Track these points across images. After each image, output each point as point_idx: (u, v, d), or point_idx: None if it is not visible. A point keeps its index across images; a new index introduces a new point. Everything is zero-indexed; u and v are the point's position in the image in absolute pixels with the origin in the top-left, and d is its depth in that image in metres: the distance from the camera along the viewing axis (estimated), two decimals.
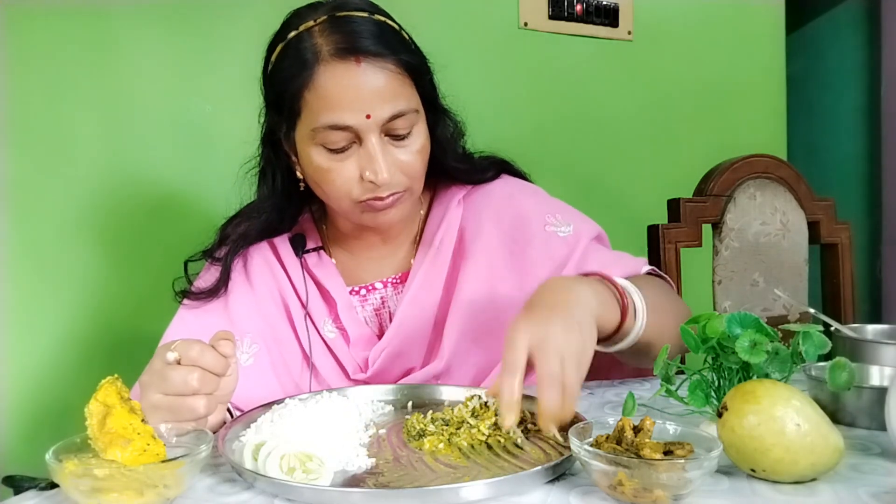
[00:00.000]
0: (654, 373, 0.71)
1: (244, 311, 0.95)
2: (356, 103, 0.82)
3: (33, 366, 1.35)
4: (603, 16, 1.84)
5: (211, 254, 0.98)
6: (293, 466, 0.59)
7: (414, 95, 0.88)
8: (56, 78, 1.35)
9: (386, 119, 0.84)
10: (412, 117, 0.87)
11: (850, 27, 2.30)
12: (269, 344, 0.95)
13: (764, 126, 2.05)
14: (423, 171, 0.91)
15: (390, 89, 0.84)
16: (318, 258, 1.00)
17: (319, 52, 0.83)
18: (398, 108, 0.84)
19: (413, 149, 0.88)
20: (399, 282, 1.00)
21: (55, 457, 0.54)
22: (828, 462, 0.55)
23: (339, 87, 0.82)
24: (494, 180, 1.04)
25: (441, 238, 0.98)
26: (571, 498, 0.55)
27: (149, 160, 1.43)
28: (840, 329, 0.89)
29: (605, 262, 0.95)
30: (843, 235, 1.54)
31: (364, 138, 0.84)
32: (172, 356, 0.67)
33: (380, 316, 1.00)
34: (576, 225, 1.00)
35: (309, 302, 0.97)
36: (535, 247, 0.97)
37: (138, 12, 1.40)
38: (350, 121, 0.83)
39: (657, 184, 1.72)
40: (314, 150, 0.87)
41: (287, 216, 1.00)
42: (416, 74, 0.88)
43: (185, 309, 0.96)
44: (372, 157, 0.84)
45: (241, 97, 1.48)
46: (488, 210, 1.00)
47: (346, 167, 0.86)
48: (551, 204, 1.03)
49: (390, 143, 0.87)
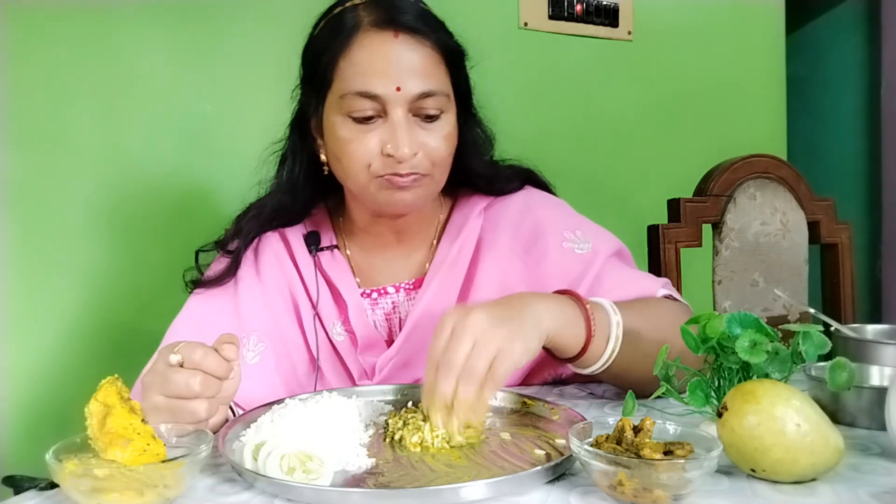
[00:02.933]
0: (654, 373, 0.71)
1: (252, 307, 0.94)
2: (388, 74, 0.82)
3: (34, 365, 1.35)
4: (603, 16, 1.84)
5: (224, 245, 0.97)
6: (293, 466, 0.59)
7: (447, 81, 0.88)
8: (57, 76, 1.35)
9: (416, 95, 0.83)
10: (443, 101, 0.86)
11: (850, 27, 2.30)
12: (275, 343, 0.94)
13: (764, 126, 2.06)
14: (447, 160, 0.89)
15: (424, 67, 0.84)
16: (331, 256, 0.99)
17: (360, 22, 0.84)
18: (429, 86, 0.84)
19: (440, 133, 0.87)
20: (412, 288, 0.98)
21: (55, 457, 0.54)
22: (828, 462, 0.55)
23: (373, 55, 0.83)
24: (518, 191, 1.02)
25: (459, 248, 0.96)
26: (571, 498, 0.55)
27: (150, 158, 1.43)
28: (840, 329, 0.89)
29: (619, 282, 0.92)
30: (843, 235, 1.54)
31: (390, 111, 0.84)
32: (175, 358, 0.66)
33: (390, 321, 0.98)
34: (594, 242, 0.97)
35: (319, 302, 0.96)
36: (549, 261, 0.95)
37: (139, 11, 1.40)
38: (379, 89, 0.82)
39: (657, 184, 1.72)
40: (339, 120, 0.86)
41: (300, 201, 0.98)
42: (453, 62, 0.88)
43: (194, 299, 0.95)
44: (395, 131, 0.83)
45: (242, 96, 1.49)
46: (507, 220, 0.98)
47: (368, 139, 0.85)
48: (572, 219, 1.00)
49: (418, 123, 0.86)
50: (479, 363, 0.66)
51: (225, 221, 1.01)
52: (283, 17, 1.48)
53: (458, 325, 0.68)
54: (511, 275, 0.95)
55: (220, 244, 0.98)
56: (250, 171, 1.00)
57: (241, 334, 0.91)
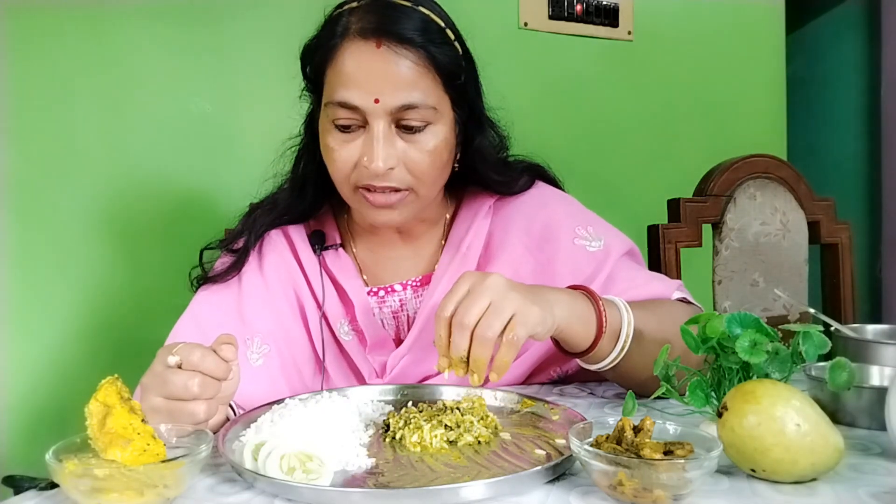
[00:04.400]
0: (654, 373, 0.71)
1: (256, 309, 0.93)
2: (367, 85, 0.81)
3: (34, 365, 1.35)
4: (603, 16, 1.84)
5: (229, 243, 0.97)
6: (293, 466, 0.59)
7: (436, 92, 0.85)
8: (57, 76, 1.35)
9: (395, 107, 0.82)
10: (427, 113, 0.84)
11: (850, 27, 2.30)
12: (279, 345, 0.93)
13: (764, 126, 2.06)
14: (432, 174, 0.87)
15: (406, 79, 0.82)
16: (336, 255, 0.98)
17: (347, 29, 0.83)
18: (411, 99, 0.82)
19: (424, 147, 0.85)
20: (420, 285, 0.98)
21: (55, 457, 0.54)
22: (828, 462, 0.55)
23: (354, 65, 0.82)
24: (528, 189, 1.01)
25: (469, 244, 0.96)
26: (571, 498, 0.55)
27: (151, 158, 1.43)
28: (840, 329, 0.89)
29: (632, 283, 0.91)
30: (843, 235, 1.54)
31: (370, 122, 0.83)
32: (174, 360, 0.66)
33: (397, 319, 0.98)
34: (607, 240, 0.96)
35: (325, 302, 0.95)
36: (561, 259, 0.94)
37: (139, 11, 1.41)
38: (357, 101, 0.82)
39: (657, 184, 1.72)
40: (326, 128, 0.86)
41: (307, 199, 0.98)
42: (446, 73, 0.86)
43: (199, 299, 0.94)
44: (371, 144, 0.83)
45: (243, 96, 1.49)
46: (518, 216, 0.98)
47: (348, 149, 0.85)
48: (583, 215, 1.00)
49: (400, 134, 0.84)
50: (496, 322, 0.66)
51: (225, 221, 1.01)
52: (284, 17, 1.48)
53: (475, 285, 0.68)
54: (522, 272, 0.94)
55: (225, 242, 0.97)
56: (250, 169, 1.00)
57: (244, 336, 0.90)
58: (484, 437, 0.69)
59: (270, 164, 0.99)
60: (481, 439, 0.68)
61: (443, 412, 0.73)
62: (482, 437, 0.68)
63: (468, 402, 0.75)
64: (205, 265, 0.97)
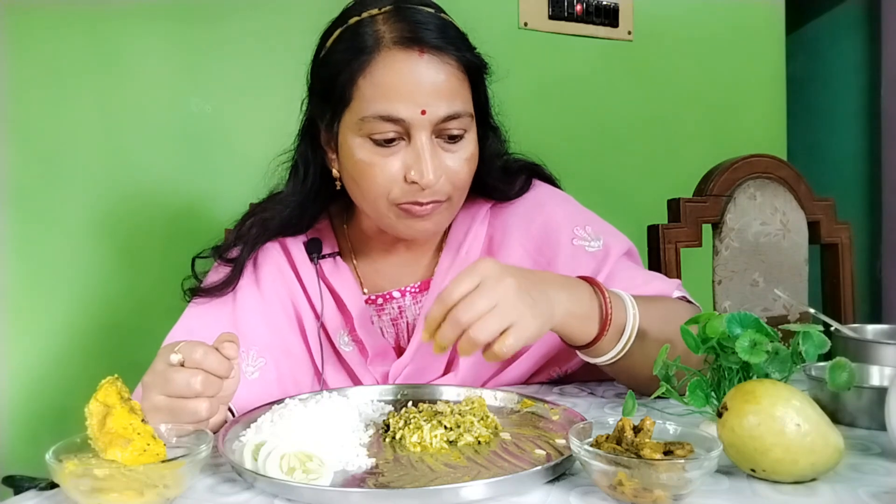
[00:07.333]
0: (654, 372, 0.71)
1: (252, 321, 0.91)
2: (413, 96, 0.79)
3: (33, 365, 1.35)
4: (603, 16, 1.84)
5: (222, 253, 0.94)
6: (293, 466, 0.59)
7: (470, 100, 0.84)
8: (57, 76, 1.35)
9: (441, 118, 0.80)
10: (466, 122, 0.83)
11: (850, 27, 2.30)
12: (277, 357, 0.91)
13: (764, 126, 2.06)
14: (468, 182, 0.87)
15: (449, 87, 0.80)
16: (333, 264, 0.96)
17: (381, 38, 0.80)
18: (455, 108, 0.81)
19: (462, 156, 0.84)
20: (418, 291, 0.96)
21: (55, 457, 0.54)
22: (828, 462, 0.55)
23: (397, 76, 0.79)
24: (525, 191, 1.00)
25: (468, 248, 0.95)
26: (571, 498, 0.55)
27: (150, 159, 1.43)
28: (840, 329, 0.89)
29: (633, 283, 0.90)
30: (843, 235, 1.54)
31: (414, 135, 0.81)
32: (176, 358, 0.66)
33: (397, 326, 0.96)
34: (606, 239, 0.95)
35: (324, 312, 0.93)
36: (561, 260, 0.93)
37: (139, 11, 1.41)
38: (403, 113, 0.79)
39: (657, 184, 1.72)
40: (358, 143, 0.82)
41: (308, 215, 0.96)
42: (475, 79, 0.85)
43: (191, 310, 0.91)
44: (419, 156, 0.80)
45: (243, 97, 1.49)
46: (516, 219, 0.96)
47: (390, 163, 0.81)
48: (581, 215, 0.98)
49: (440, 145, 0.83)
50: (493, 326, 0.65)
51: (224, 222, 1.01)
52: (284, 17, 1.49)
53: (488, 280, 0.67)
54: None
55: (218, 251, 0.95)
56: (250, 169, 0.99)
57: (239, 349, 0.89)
58: (484, 437, 0.69)
59: (268, 167, 0.97)
60: (481, 439, 0.68)
61: (443, 412, 0.73)
62: (482, 438, 0.68)
63: (468, 403, 0.75)
64: (198, 274, 0.94)
